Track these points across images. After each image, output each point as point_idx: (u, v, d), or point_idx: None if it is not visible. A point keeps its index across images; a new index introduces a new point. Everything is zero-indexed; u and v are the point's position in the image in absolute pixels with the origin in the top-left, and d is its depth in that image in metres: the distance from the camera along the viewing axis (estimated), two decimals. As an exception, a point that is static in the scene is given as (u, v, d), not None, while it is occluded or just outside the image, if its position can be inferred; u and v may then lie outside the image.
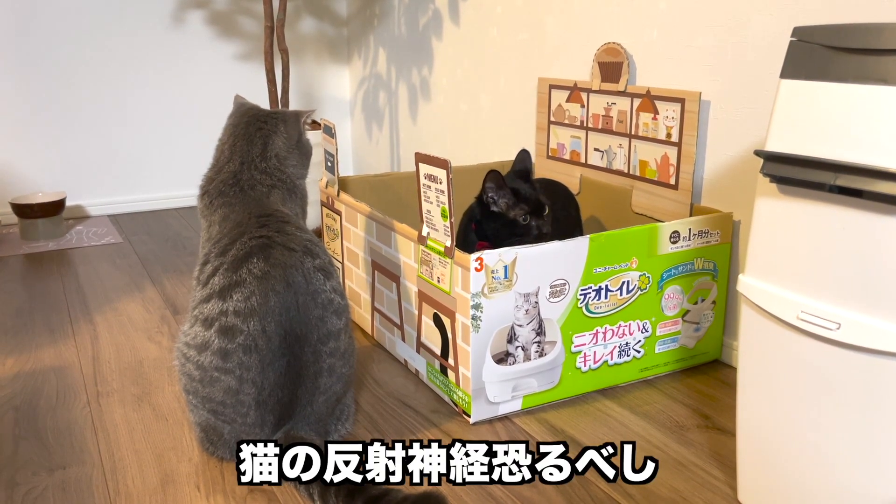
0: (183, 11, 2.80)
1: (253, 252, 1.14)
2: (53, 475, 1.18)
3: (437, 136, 2.53)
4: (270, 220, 1.21)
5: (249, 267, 1.12)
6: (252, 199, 1.26)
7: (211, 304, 1.12)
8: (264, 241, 1.15)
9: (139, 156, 2.85)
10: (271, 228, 1.18)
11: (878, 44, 0.83)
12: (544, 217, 1.45)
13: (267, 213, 1.23)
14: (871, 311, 0.86)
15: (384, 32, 2.77)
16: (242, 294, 1.11)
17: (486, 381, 1.31)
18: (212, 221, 1.27)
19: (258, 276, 1.12)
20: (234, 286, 1.11)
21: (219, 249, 1.17)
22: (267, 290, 1.11)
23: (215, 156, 1.36)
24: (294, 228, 1.20)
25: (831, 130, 0.87)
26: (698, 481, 1.16)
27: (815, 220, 0.91)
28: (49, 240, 2.48)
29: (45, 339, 1.70)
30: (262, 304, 1.10)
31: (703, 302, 1.48)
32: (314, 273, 1.15)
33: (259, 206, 1.25)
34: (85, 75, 2.71)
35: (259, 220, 1.20)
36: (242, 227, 1.19)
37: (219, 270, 1.14)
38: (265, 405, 1.12)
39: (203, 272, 1.18)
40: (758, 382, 1.01)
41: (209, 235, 1.26)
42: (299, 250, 1.16)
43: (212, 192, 1.30)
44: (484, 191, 1.45)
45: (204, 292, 1.15)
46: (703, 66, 1.53)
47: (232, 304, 1.10)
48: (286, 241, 1.16)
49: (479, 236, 1.49)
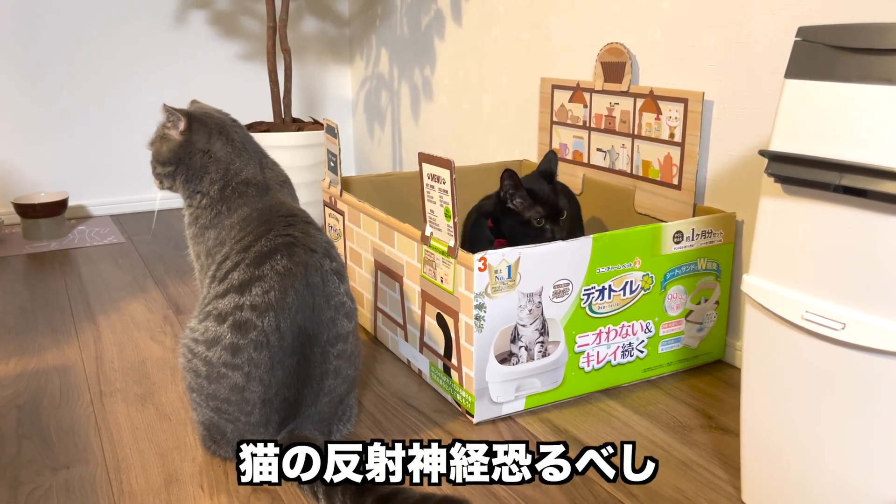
0: (186, 11, 2.80)
1: (278, 249, 1.14)
2: (57, 474, 1.18)
3: (439, 135, 2.53)
4: (296, 219, 1.21)
5: (272, 263, 1.13)
6: (271, 197, 1.27)
7: (227, 300, 1.13)
8: (290, 240, 1.16)
9: (141, 155, 2.83)
10: (297, 228, 1.19)
11: (883, 43, 0.83)
12: (560, 223, 1.45)
13: (292, 212, 1.23)
14: (875, 311, 0.86)
15: (386, 32, 2.77)
16: (262, 288, 1.11)
17: (490, 381, 1.31)
18: (222, 227, 1.23)
19: (280, 272, 1.12)
20: (255, 280, 1.12)
21: (241, 247, 1.17)
22: (287, 286, 1.11)
23: (215, 164, 1.27)
24: (315, 230, 1.21)
25: (836, 130, 0.87)
26: (702, 481, 1.15)
27: (819, 219, 0.91)
28: (51, 240, 2.48)
29: (48, 338, 1.70)
30: (279, 300, 1.11)
31: (707, 302, 1.48)
32: (331, 276, 1.16)
33: (281, 204, 1.25)
34: (87, 75, 2.71)
35: (286, 220, 1.20)
36: (269, 224, 1.19)
37: (239, 265, 1.14)
38: (271, 404, 1.12)
39: (221, 268, 1.17)
40: (762, 382, 1.01)
41: (222, 239, 1.22)
42: (319, 252, 1.17)
43: (228, 198, 1.25)
44: (502, 187, 1.45)
45: (220, 288, 1.15)
46: (706, 66, 1.52)
47: (249, 298, 1.11)
48: (309, 242, 1.17)
49: (495, 234, 1.49)
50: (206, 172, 1.27)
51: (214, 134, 1.29)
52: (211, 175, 1.27)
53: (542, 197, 1.45)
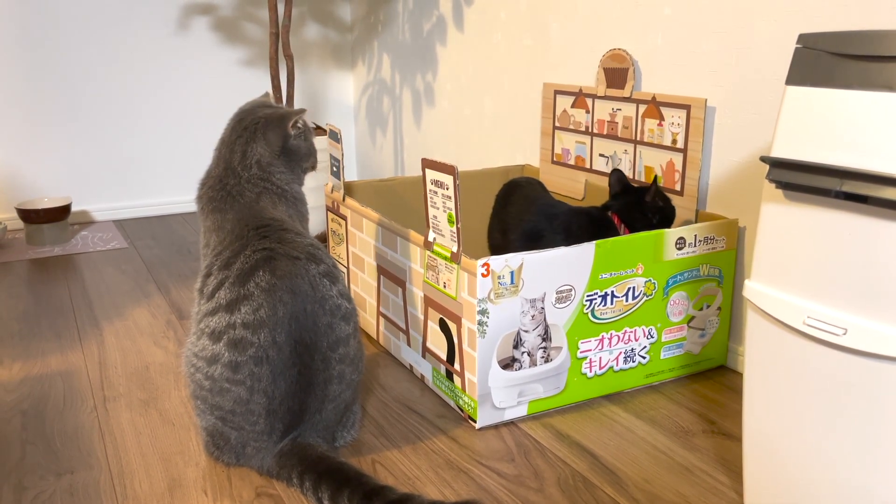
0: (188, 17, 2.81)
1: (258, 265, 1.12)
2: (61, 479, 1.19)
3: (441, 141, 2.53)
4: (269, 230, 1.18)
5: (256, 280, 1.11)
6: (243, 206, 1.23)
7: (217, 318, 1.12)
8: (268, 254, 1.14)
9: (144, 161, 2.86)
10: (272, 239, 1.16)
11: (884, 50, 0.84)
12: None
13: (264, 222, 1.20)
14: (877, 317, 0.86)
15: (388, 38, 2.78)
16: (250, 307, 1.10)
17: (492, 386, 1.31)
18: (207, 228, 1.25)
19: (265, 288, 1.11)
20: (242, 300, 1.11)
21: (221, 262, 1.16)
22: (275, 301, 1.10)
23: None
24: (294, 235, 1.19)
25: (837, 137, 0.88)
26: (704, 486, 1.16)
27: (821, 225, 0.91)
28: (55, 245, 2.49)
29: (52, 343, 1.71)
30: (270, 316, 1.10)
31: (709, 308, 1.49)
32: (320, 279, 1.15)
33: (252, 214, 1.21)
34: (91, 81, 2.72)
35: (259, 232, 1.18)
36: (244, 240, 1.17)
37: (224, 284, 1.13)
38: (275, 414, 1.12)
39: (207, 285, 1.17)
40: (764, 387, 1.01)
41: (206, 241, 1.25)
42: (303, 257, 1.15)
43: (202, 198, 1.28)
44: (649, 187, 1.51)
45: (209, 305, 1.14)
46: (708, 72, 1.53)
47: (240, 316, 1.10)
48: (288, 250, 1.15)
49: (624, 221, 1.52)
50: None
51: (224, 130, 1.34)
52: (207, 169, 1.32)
53: (666, 205, 1.53)
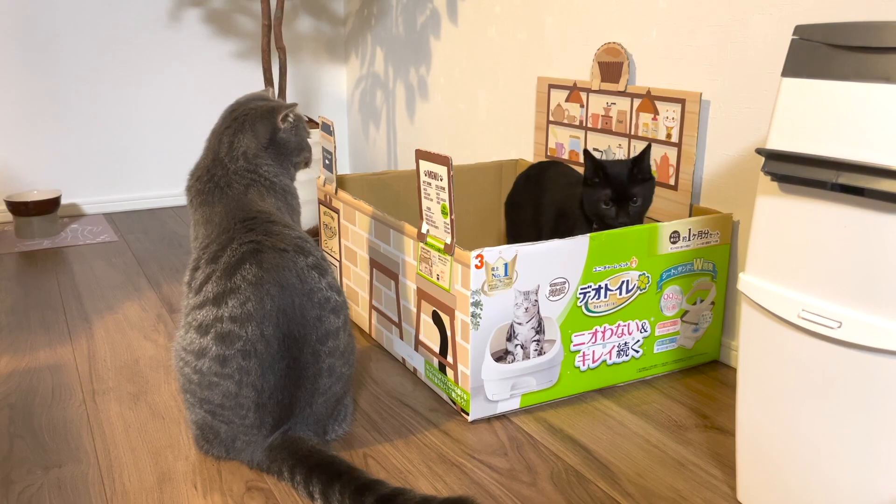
0: (180, 9, 2.79)
1: (245, 258, 1.12)
2: (49, 473, 1.17)
3: (434, 135, 2.52)
4: (256, 222, 1.17)
5: (243, 273, 1.10)
6: (230, 198, 1.22)
7: (204, 311, 1.11)
8: (254, 246, 1.13)
9: (135, 154, 2.84)
10: (259, 232, 1.15)
11: (880, 42, 0.83)
12: (629, 208, 1.41)
13: (251, 215, 1.19)
14: (872, 310, 0.86)
15: (382, 31, 2.76)
16: (237, 300, 1.09)
17: (485, 379, 1.30)
18: (196, 221, 1.25)
19: (252, 282, 1.10)
20: (229, 293, 1.10)
21: (209, 256, 1.15)
22: (262, 294, 1.09)
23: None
24: (281, 227, 1.18)
25: (833, 128, 0.87)
26: (697, 481, 1.15)
27: (816, 218, 0.91)
28: (44, 238, 2.46)
29: (41, 337, 1.69)
30: (258, 309, 1.09)
31: (702, 302, 1.48)
32: (308, 272, 1.14)
33: (239, 207, 1.21)
34: (81, 73, 2.70)
35: (245, 225, 1.17)
36: (230, 233, 1.16)
37: (211, 278, 1.12)
38: (265, 408, 1.11)
39: (195, 278, 1.16)
40: (758, 381, 1.01)
41: (196, 234, 1.24)
42: (290, 250, 1.14)
43: (191, 190, 1.27)
44: (585, 165, 1.45)
45: (197, 299, 1.13)
46: (703, 66, 1.52)
47: (227, 310, 1.09)
48: (275, 242, 1.14)
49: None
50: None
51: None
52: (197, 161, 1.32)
53: (614, 180, 1.42)
